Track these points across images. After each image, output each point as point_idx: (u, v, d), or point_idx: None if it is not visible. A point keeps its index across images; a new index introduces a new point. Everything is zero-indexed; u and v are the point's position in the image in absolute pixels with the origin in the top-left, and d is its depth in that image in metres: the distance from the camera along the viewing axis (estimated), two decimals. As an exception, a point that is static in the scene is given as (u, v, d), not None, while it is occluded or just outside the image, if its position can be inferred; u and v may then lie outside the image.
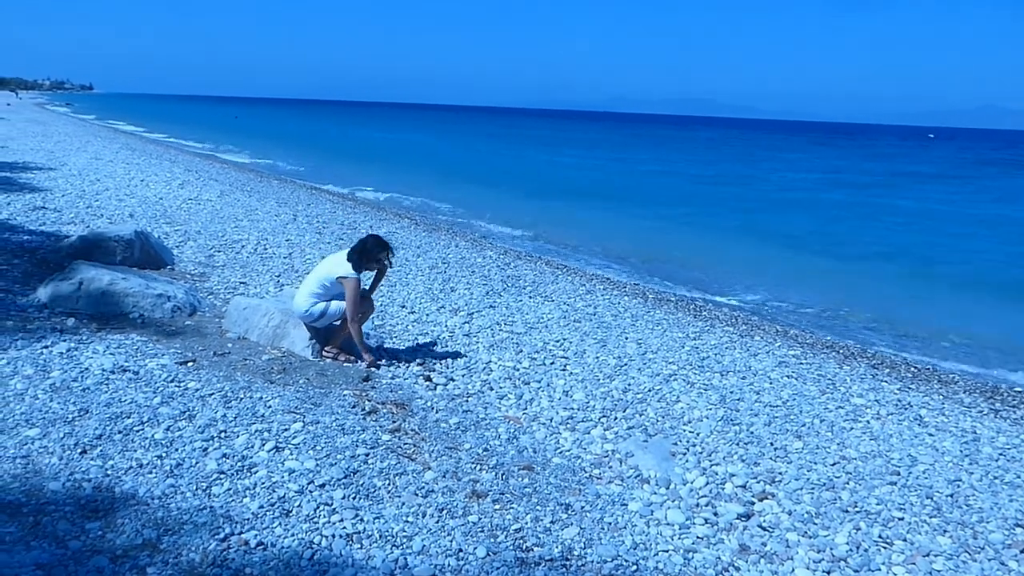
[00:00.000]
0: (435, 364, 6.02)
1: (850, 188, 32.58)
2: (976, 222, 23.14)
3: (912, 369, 8.04)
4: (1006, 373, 8.43)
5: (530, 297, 8.84)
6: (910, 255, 17.02)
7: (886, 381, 7.11)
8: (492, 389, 5.64)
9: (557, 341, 6.96)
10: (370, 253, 5.71)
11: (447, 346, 6.52)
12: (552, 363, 6.34)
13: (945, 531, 4.14)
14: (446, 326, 7.13)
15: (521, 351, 6.58)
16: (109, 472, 3.57)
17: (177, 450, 3.87)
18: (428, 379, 5.66)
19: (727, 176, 36.25)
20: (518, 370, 6.09)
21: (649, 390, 5.89)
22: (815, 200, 27.29)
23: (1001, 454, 5.30)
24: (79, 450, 3.74)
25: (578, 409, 5.40)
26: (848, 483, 4.61)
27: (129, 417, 4.16)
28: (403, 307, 7.63)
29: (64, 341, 5.21)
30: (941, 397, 6.78)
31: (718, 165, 43.06)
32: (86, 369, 4.74)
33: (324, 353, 5.83)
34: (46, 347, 5.05)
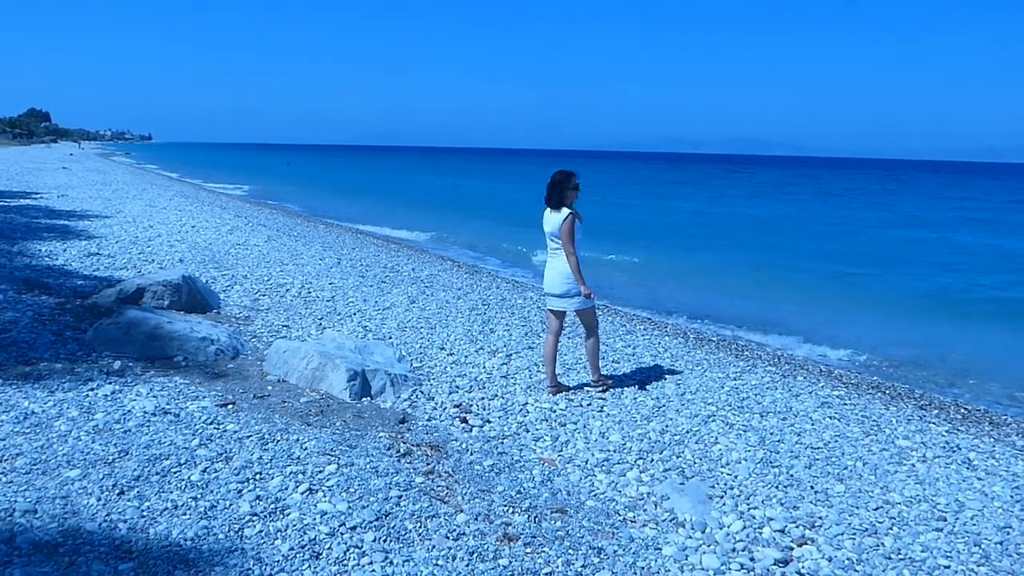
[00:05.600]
0: (472, 405, 6.04)
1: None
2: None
3: (963, 410, 7.80)
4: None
5: (569, 338, 8.80)
6: (962, 293, 16.63)
7: (934, 423, 6.91)
8: (528, 431, 5.63)
9: (594, 382, 6.92)
10: (566, 184, 6.14)
11: (484, 387, 6.53)
12: (589, 404, 6.30)
13: (994, 580, 4.00)
14: (484, 367, 7.14)
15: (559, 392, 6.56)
16: (145, 513, 3.65)
17: (212, 492, 3.93)
18: (464, 421, 5.68)
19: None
20: (554, 411, 6.07)
21: (687, 431, 5.81)
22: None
23: (1055, 499, 5.11)
24: (117, 491, 3.83)
25: (614, 451, 5.35)
26: (892, 528, 4.48)
27: (167, 459, 4.25)
28: (442, 349, 7.68)
29: (110, 384, 5.35)
30: (992, 440, 6.56)
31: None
32: (129, 411, 4.86)
33: (595, 383, 6.65)
34: (92, 389, 5.20)
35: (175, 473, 4.10)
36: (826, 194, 56.95)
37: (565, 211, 6.12)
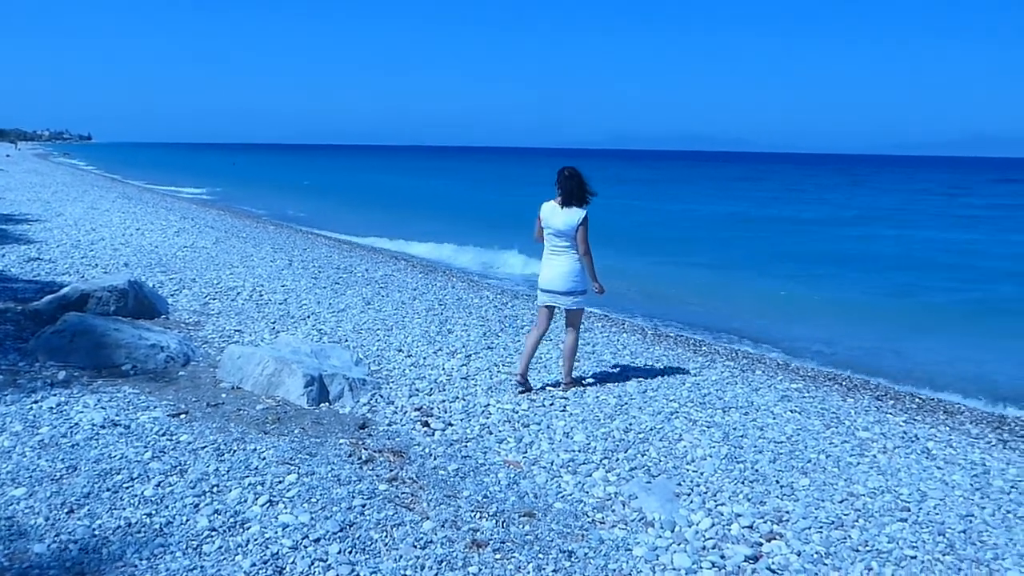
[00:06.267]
0: (433, 409, 5.93)
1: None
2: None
3: (917, 400, 7.93)
4: (1012, 402, 8.32)
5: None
6: (909, 281, 17.00)
7: (891, 413, 7.00)
8: (491, 433, 5.54)
9: (555, 382, 6.86)
10: (585, 186, 6.24)
11: (445, 389, 6.43)
12: (552, 404, 6.24)
13: (960, 569, 4.02)
14: (443, 369, 7.04)
15: (520, 393, 6.48)
16: (96, 532, 3.47)
17: (168, 507, 3.76)
18: (426, 424, 5.57)
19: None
20: (517, 412, 5.99)
21: (651, 429, 5.78)
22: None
23: (1013, 487, 5.18)
24: (66, 510, 3.64)
25: (579, 451, 5.29)
26: (858, 521, 4.49)
27: (119, 473, 4.06)
28: (400, 351, 7.54)
29: (55, 395, 5.12)
30: (948, 428, 6.67)
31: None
32: (76, 424, 4.65)
33: (565, 385, 6.62)
34: (36, 402, 4.97)
35: (127, 488, 3.91)
36: (788, 190, 57.51)
37: (582, 211, 6.20)
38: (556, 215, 6.25)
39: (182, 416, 5.07)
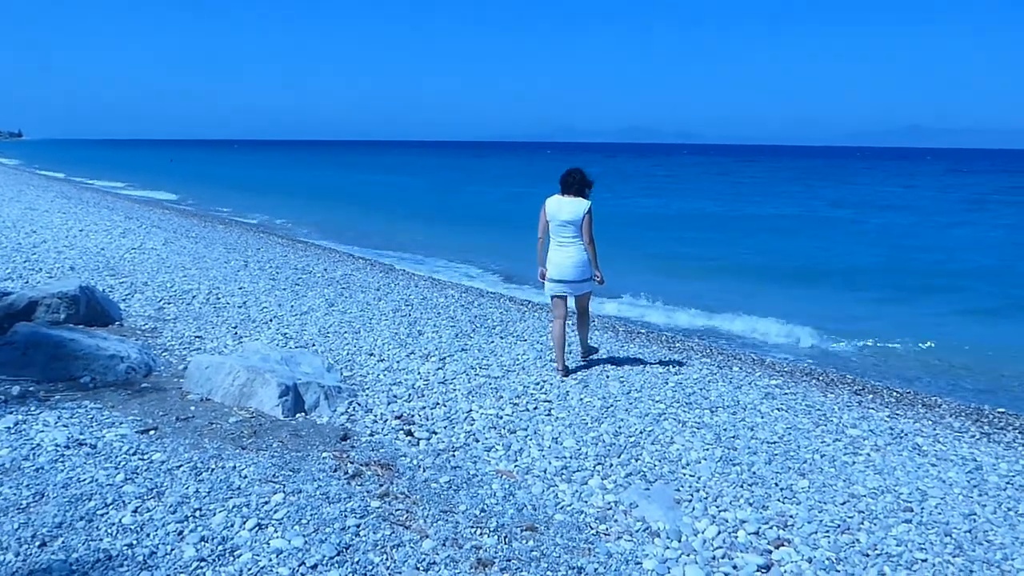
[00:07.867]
0: (414, 416, 5.68)
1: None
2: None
3: (895, 393, 7.93)
4: (982, 393, 8.40)
5: (501, 337, 8.53)
6: (866, 272, 17.21)
7: (873, 408, 6.97)
8: (478, 441, 5.32)
9: (537, 383, 6.67)
10: (588, 180, 6.76)
11: (424, 395, 6.18)
12: (536, 408, 6.04)
13: (971, 572, 3.95)
14: (419, 373, 6.78)
15: (501, 397, 6.27)
16: (74, 567, 3.15)
17: (149, 535, 3.45)
18: (409, 434, 5.32)
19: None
20: (501, 418, 5.78)
21: (641, 432, 5.63)
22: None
23: (1008, 483, 5.15)
24: (37, 543, 3.31)
25: (571, 457, 5.11)
26: (863, 523, 4.40)
27: (91, 499, 3.73)
28: (371, 355, 7.26)
29: (11, 414, 4.74)
30: (931, 423, 6.65)
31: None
32: (38, 445, 4.29)
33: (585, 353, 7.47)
34: (-9, 422, 4.59)
35: (102, 516, 3.59)
36: (739, 184, 57.63)
37: (587, 202, 6.65)
38: (562, 207, 6.66)
39: (151, 432, 4.74)
